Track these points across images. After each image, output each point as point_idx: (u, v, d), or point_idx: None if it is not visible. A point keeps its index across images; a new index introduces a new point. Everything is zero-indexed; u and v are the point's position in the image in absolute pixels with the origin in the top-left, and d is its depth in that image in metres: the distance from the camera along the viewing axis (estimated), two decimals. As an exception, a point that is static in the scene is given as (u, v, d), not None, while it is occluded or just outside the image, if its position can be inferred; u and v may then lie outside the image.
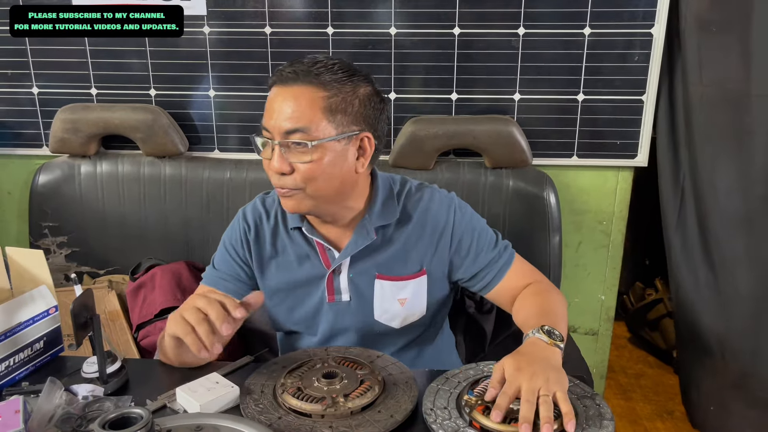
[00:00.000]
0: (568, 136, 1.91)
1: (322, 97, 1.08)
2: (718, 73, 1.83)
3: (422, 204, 1.26)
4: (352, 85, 1.11)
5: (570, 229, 1.99)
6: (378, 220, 1.22)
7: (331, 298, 1.25)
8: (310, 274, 1.25)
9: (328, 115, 1.08)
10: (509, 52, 1.84)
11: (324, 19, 1.85)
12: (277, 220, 1.27)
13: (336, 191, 1.15)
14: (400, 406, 0.99)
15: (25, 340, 1.12)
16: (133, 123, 1.90)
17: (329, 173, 1.11)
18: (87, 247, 1.99)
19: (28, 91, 2.00)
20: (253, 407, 0.99)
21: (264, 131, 1.12)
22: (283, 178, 1.11)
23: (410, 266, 1.25)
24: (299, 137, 1.08)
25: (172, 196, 1.95)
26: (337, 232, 1.24)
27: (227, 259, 1.29)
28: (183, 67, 1.94)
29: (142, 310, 1.70)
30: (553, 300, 1.22)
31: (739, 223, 1.89)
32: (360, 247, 1.21)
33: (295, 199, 1.13)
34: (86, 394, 1.03)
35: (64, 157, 1.98)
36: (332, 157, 1.10)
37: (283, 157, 1.09)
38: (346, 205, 1.20)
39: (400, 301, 1.25)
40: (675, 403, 2.40)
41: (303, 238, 1.25)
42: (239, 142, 2.00)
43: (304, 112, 1.07)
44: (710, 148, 1.90)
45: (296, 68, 1.10)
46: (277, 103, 1.10)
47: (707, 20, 1.81)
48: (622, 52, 1.83)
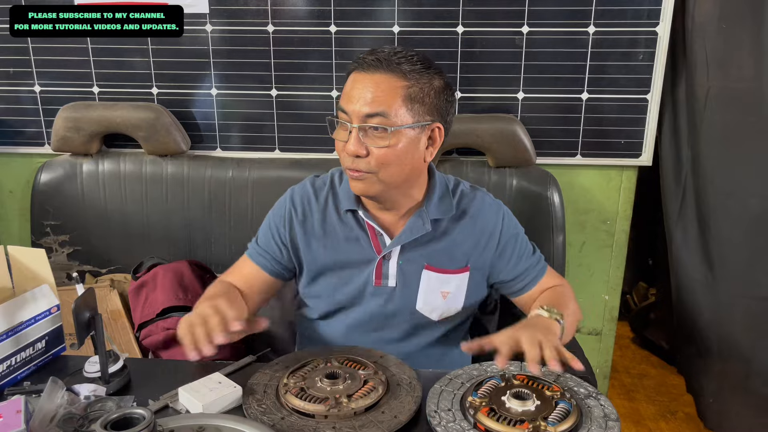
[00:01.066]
0: (572, 135, 1.90)
1: (402, 86, 1.13)
2: (727, 71, 1.82)
3: (475, 204, 1.31)
4: (429, 77, 1.16)
5: (574, 228, 1.98)
6: (435, 212, 1.26)
7: (377, 282, 1.28)
8: (359, 257, 1.28)
9: (407, 103, 1.13)
10: (513, 51, 1.83)
11: (327, 18, 1.84)
12: (327, 201, 1.30)
13: (405, 178, 1.20)
14: (404, 407, 0.98)
15: (26, 339, 1.11)
16: (135, 121, 1.90)
17: (402, 159, 1.15)
18: (89, 246, 1.98)
19: (30, 90, 2.00)
20: (256, 407, 0.98)
21: (341, 113, 1.16)
22: (358, 160, 1.15)
23: (456, 261, 1.29)
24: (378, 122, 1.12)
25: (174, 195, 1.94)
26: (391, 219, 1.27)
27: (268, 238, 1.33)
28: (185, 65, 1.94)
29: (144, 309, 1.69)
30: (566, 296, 1.29)
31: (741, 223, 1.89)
32: (414, 236, 1.25)
33: (366, 183, 1.17)
34: (88, 393, 1.03)
35: (66, 156, 1.98)
36: (406, 144, 1.15)
37: (360, 140, 1.13)
38: (408, 194, 1.24)
39: (443, 294, 1.29)
40: (679, 404, 2.39)
41: (355, 221, 1.28)
42: (242, 141, 2.00)
43: (384, 99, 1.12)
44: (714, 147, 1.89)
45: (378, 56, 1.14)
46: (358, 89, 1.14)
47: (717, 17, 1.80)
48: (626, 51, 1.82)
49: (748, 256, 1.89)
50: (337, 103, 1.19)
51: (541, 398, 0.96)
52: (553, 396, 0.97)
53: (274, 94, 1.93)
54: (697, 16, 1.81)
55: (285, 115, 1.95)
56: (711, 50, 1.82)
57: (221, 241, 1.94)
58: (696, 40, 1.83)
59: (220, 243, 1.94)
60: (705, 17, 1.81)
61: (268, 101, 1.94)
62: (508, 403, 0.95)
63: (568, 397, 0.97)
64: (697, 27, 1.82)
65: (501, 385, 0.99)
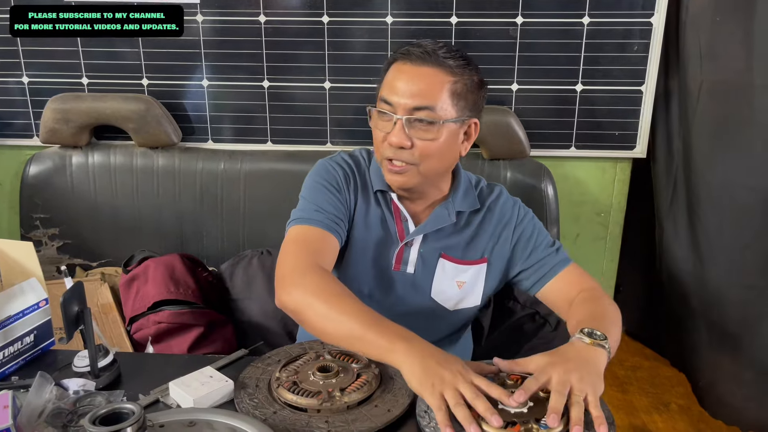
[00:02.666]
0: (567, 127, 1.89)
1: (449, 80, 1.13)
2: (720, 64, 1.82)
3: (492, 197, 1.32)
4: (470, 73, 1.17)
5: (568, 220, 1.98)
6: (460, 204, 1.27)
7: (396, 267, 1.28)
8: (385, 240, 1.28)
9: (452, 98, 1.14)
10: (507, 42, 1.82)
11: (319, 8, 1.83)
12: (366, 176, 1.29)
13: (443, 170, 1.22)
14: (397, 401, 0.97)
15: (14, 333, 1.09)
16: (126, 113, 1.87)
17: (443, 152, 1.17)
18: (79, 239, 1.96)
19: (18, 81, 1.97)
20: (248, 402, 0.97)
21: (384, 104, 1.15)
22: (400, 151, 1.15)
23: (473, 253, 1.29)
24: (425, 115, 1.13)
25: (165, 188, 1.92)
26: (417, 209, 1.28)
27: (332, 199, 1.24)
28: (176, 56, 1.91)
29: (135, 303, 1.68)
30: (604, 306, 1.19)
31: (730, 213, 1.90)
32: (438, 226, 1.26)
33: (407, 175, 1.17)
34: (77, 388, 1.01)
35: (55, 148, 1.95)
36: (448, 137, 1.16)
37: (405, 131, 1.13)
38: (437, 186, 1.25)
39: (458, 284, 1.29)
40: (672, 395, 2.40)
41: (384, 202, 1.28)
42: (233, 133, 1.98)
43: (432, 92, 1.12)
44: (706, 139, 1.89)
45: (426, 49, 1.14)
46: (404, 80, 1.13)
47: (711, 9, 1.79)
48: (621, 42, 1.81)
49: (735, 246, 1.90)
50: (378, 94, 1.17)
51: (535, 400, 0.94)
52: (547, 398, 0.95)
53: (266, 85, 1.91)
54: (692, 8, 1.80)
55: (277, 107, 1.94)
56: (705, 43, 1.82)
57: (213, 233, 1.93)
58: (690, 32, 1.82)
59: (212, 236, 1.93)
60: (699, 9, 1.80)
61: (260, 93, 1.92)
62: (500, 405, 0.93)
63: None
64: (690, 19, 1.81)
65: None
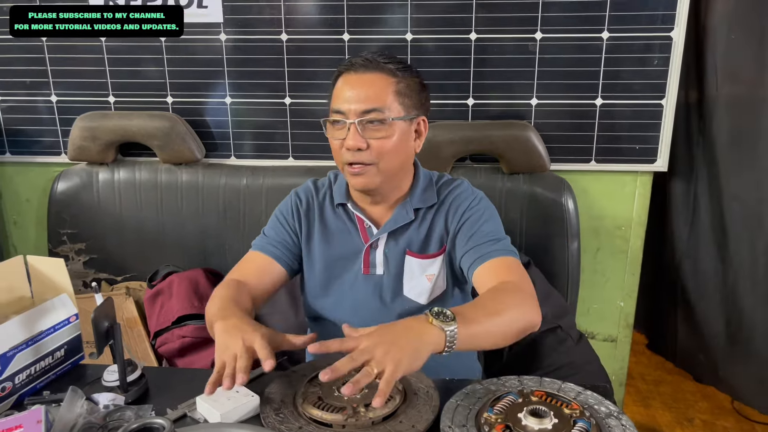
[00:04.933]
0: (586, 141, 1.89)
1: (392, 82, 1.23)
2: (734, 79, 1.83)
3: (451, 190, 1.35)
4: (411, 75, 1.27)
5: (588, 234, 1.97)
6: (417, 202, 1.32)
7: (365, 271, 1.33)
8: (350, 248, 1.34)
9: (398, 98, 1.23)
10: (526, 57, 1.83)
11: (340, 26, 1.85)
12: (325, 198, 1.38)
13: (399, 168, 1.28)
14: (422, 416, 0.98)
15: (46, 348, 1.12)
16: (151, 130, 1.91)
17: (397, 149, 1.24)
18: (105, 254, 2.00)
19: (47, 100, 2.02)
20: (274, 417, 0.98)
21: (336, 114, 1.24)
22: (358, 154, 1.22)
23: (434, 244, 1.33)
24: (375, 115, 1.21)
25: (188, 203, 1.95)
26: (379, 211, 1.34)
27: (277, 227, 1.38)
28: (199, 74, 1.95)
29: (160, 317, 1.70)
30: (503, 298, 1.10)
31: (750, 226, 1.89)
32: (398, 225, 1.31)
33: (367, 176, 1.24)
34: (107, 403, 1.03)
35: (83, 165, 2.00)
36: (400, 135, 1.24)
37: (359, 134, 1.21)
38: (398, 186, 1.32)
39: (428, 277, 1.33)
40: (695, 410, 2.37)
41: (346, 215, 1.35)
42: (255, 149, 2.01)
43: (379, 95, 1.21)
44: (724, 152, 1.90)
45: (366, 57, 1.25)
46: (351, 89, 1.22)
47: (726, 27, 1.81)
48: (640, 56, 1.81)
49: (758, 257, 1.90)
50: (329, 107, 1.26)
51: (559, 416, 0.94)
52: (571, 414, 0.94)
53: (288, 102, 1.94)
54: (708, 24, 1.82)
55: (298, 123, 1.96)
56: (720, 58, 1.83)
57: (235, 248, 1.95)
58: (708, 47, 1.83)
59: (234, 250, 1.95)
60: (714, 26, 1.83)
61: (281, 109, 1.95)
62: (524, 421, 0.93)
63: (587, 415, 0.94)
64: (708, 35, 1.83)
65: (518, 402, 0.98)
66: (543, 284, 1.74)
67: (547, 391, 1.01)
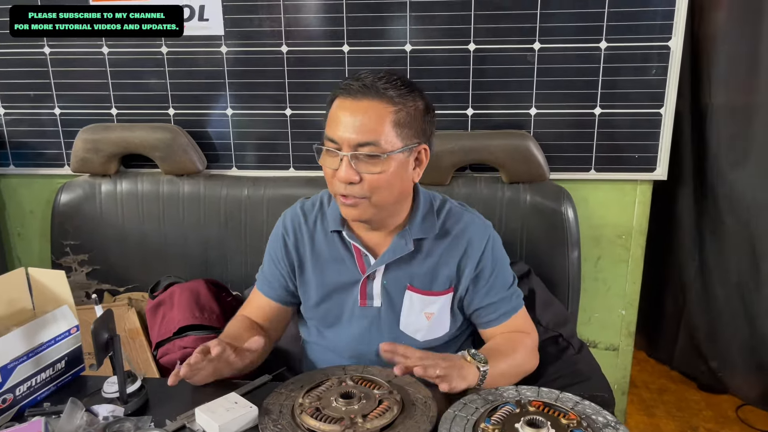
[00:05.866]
0: (586, 150, 1.90)
1: (390, 111, 1.14)
2: (726, 88, 1.85)
3: (461, 224, 1.29)
4: (413, 100, 1.18)
5: (589, 243, 1.97)
6: (418, 232, 1.26)
7: (362, 303, 1.29)
8: (345, 278, 1.29)
9: (396, 128, 1.15)
10: (525, 67, 1.84)
11: (340, 38, 1.87)
12: (316, 224, 1.32)
13: (395, 200, 1.22)
14: (420, 427, 0.98)
15: (47, 360, 1.13)
16: (153, 142, 1.93)
17: (393, 183, 1.17)
18: (107, 265, 2.01)
19: (51, 112, 2.04)
20: (272, 428, 0.99)
21: (329, 142, 1.17)
22: (351, 187, 1.16)
23: (440, 283, 1.28)
24: (370, 150, 1.13)
25: (190, 214, 1.96)
26: (377, 239, 1.28)
27: (270, 265, 1.36)
28: (201, 86, 1.97)
29: (161, 328, 1.71)
30: (515, 346, 1.26)
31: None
32: (397, 256, 1.25)
33: (360, 209, 1.19)
34: (107, 414, 1.04)
35: (85, 177, 2.01)
36: (396, 167, 1.17)
37: (352, 167, 1.14)
38: (395, 214, 1.25)
39: (427, 315, 1.29)
40: (699, 419, 2.36)
41: (341, 242, 1.29)
42: (257, 160, 2.02)
43: (375, 127, 1.13)
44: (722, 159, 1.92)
45: (364, 82, 1.15)
46: (346, 116, 1.14)
47: (720, 37, 1.84)
48: (639, 66, 1.82)
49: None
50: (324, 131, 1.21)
51: (556, 426, 0.94)
52: (569, 425, 0.95)
53: (289, 113, 1.96)
54: (701, 34, 1.85)
55: (299, 134, 1.97)
56: (713, 68, 1.89)
57: (237, 259, 1.96)
58: (702, 57, 1.86)
59: (236, 261, 1.96)
60: (707, 36, 1.86)
61: (282, 120, 1.96)
62: (521, 431, 0.94)
63: (584, 426, 0.94)
64: (700, 45, 1.86)
65: (515, 412, 0.98)
66: (543, 293, 1.74)
67: (544, 401, 1.01)
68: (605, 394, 1.13)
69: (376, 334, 1.30)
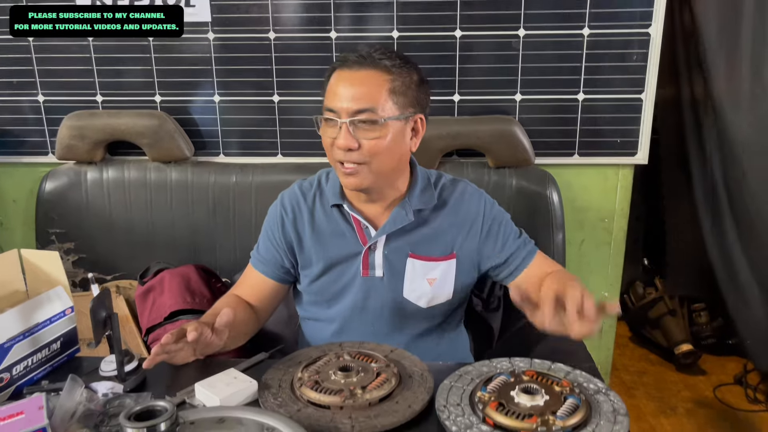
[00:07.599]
0: (569, 135, 1.94)
1: (386, 80, 1.19)
2: (714, 74, 1.90)
3: (456, 194, 1.35)
4: (408, 71, 1.22)
5: (573, 226, 2.02)
6: (417, 203, 1.31)
7: (365, 273, 1.32)
8: (347, 251, 1.32)
9: (392, 96, 1.19)
10: (510, 53, 1.87)
11: (327, 24, 1.88)
12: (315, 201, 1.36)
13: (393, 168, 1.26)
14: (417, 397, 1.00)
15: (42, 340, 1.13)
16: (140, 129, 1.92)
17: (391, 149, 1.21)
18: (94, 253, 2.00)
19: (34, 99, 2.02)
20: (272, 401, 1.00)
21: (328, 112, 1.21)
22: (350, 153, 1.20)
23: (441, 249, 1.33)
24: (367, 116, 1.18)
25: (178, 201, 1.96)
26: (376, 211, 1.32)
27: (266, 243, 1.38)
28: (188, 72, 1.96)
29: (152, 313, 1.71)
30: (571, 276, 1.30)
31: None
32: (397, 227, 1.29)
33: (359, 176, 1.22)
34: (106, 391, 1.05)
35: (71, 164, 2.00)
36: (394, 134, 1.21)
37: (350, 134, 1.18)
38: (394, 185, 1.30)
39: (429, 281, 1.33)
40: (678, 399, 2.42)
41: (341, 216, 1.33)
42: (244, 147, 2.02)
43: (371, 94, 1.18)
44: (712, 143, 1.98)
45: (361, 53, 1.21)
46: (344, 86, 1.19)
47: (703, 28, 1.89)
48: (620, 52, 1.86)
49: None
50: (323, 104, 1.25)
51: (550, 393, 0.97)
52: (562, 391, 0.98)
53: (276, 100, 1.96)
54: (684, 25, 1.89)
55: (287, 121, 1.98)
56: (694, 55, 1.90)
57: (226, 245, 1.96)
58: (681, 44, 1.91)
59: (225, 248, 1.96)
60: (691, 25, 1.90)
61: (270, 107, 1.97)
62: (516, 398, 0.96)
63: (577, 392, 0.98)
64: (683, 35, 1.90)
65: (510, 381, 1.00)
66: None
67: (537, 371, 1.04)
68: (590, 364, 1.16)
69: (378, 302, 1.33)
